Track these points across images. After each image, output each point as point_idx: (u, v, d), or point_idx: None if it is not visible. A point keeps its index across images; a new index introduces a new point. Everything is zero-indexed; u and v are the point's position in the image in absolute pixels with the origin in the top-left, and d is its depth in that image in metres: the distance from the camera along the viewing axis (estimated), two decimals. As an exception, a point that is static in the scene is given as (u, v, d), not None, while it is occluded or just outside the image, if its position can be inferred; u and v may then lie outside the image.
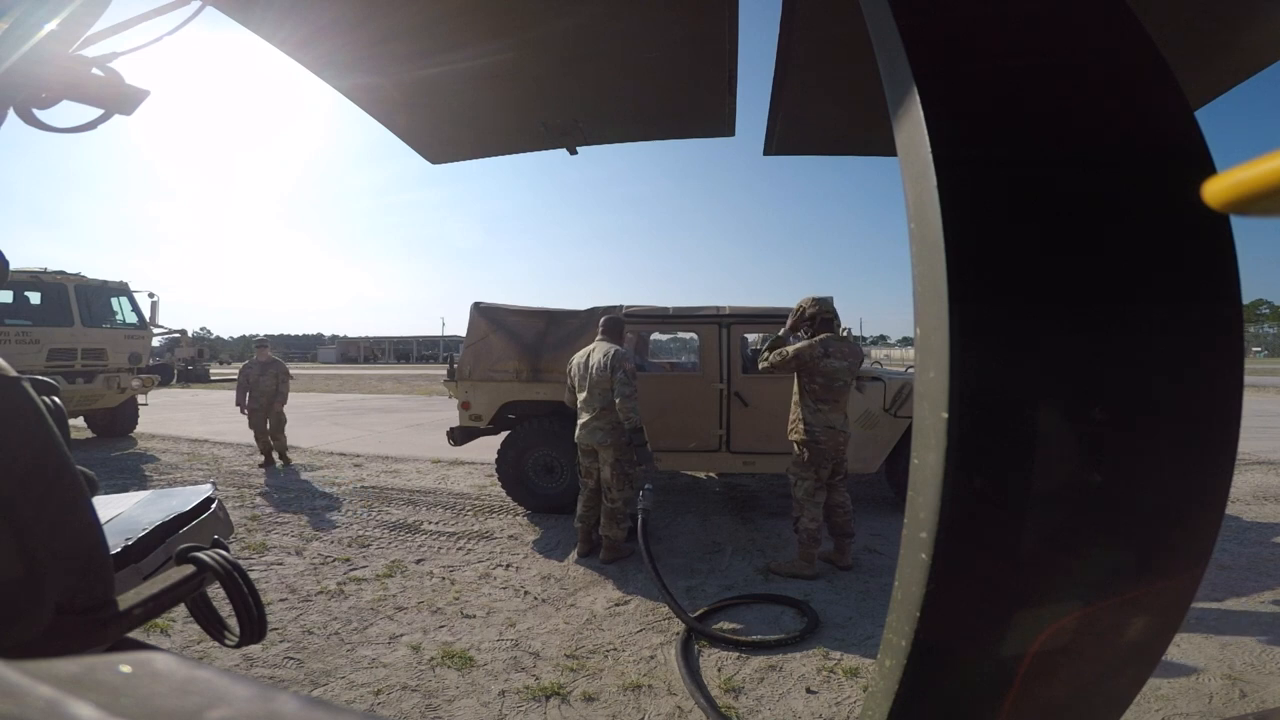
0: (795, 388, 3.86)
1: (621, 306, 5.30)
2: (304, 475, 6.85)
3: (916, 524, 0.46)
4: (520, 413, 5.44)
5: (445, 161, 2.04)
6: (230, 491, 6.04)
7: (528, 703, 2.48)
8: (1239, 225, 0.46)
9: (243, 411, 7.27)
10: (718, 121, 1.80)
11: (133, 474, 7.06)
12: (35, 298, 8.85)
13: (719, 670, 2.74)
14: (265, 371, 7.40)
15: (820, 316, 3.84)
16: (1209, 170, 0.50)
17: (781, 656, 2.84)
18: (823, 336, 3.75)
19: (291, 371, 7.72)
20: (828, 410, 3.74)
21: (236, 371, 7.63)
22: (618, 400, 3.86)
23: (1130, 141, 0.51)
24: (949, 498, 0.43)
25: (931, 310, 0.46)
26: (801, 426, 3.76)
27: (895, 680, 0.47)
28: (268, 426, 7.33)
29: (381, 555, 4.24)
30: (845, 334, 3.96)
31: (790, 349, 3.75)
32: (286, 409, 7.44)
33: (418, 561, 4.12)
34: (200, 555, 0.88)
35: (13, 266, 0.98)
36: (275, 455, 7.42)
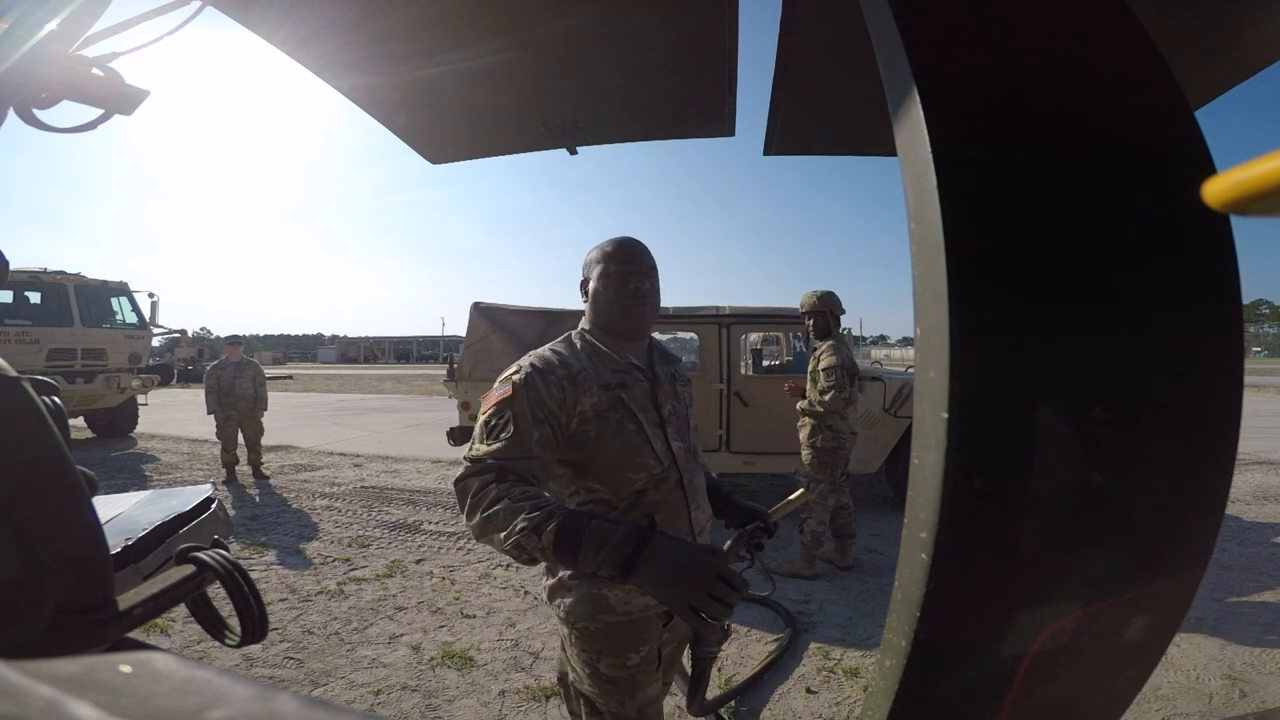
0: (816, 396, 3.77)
1: (621, 306, 5.31)
2: (304, 475, 6.84)
3: (916, 524, 0.46)
4: (520, 413, 5.44)
5: (445, 161, 2.04)
6: (229, 492, 6.04)
7: (528, 703, 2.47)
8: (1239, 225, 0.46)
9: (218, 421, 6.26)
10: (718, 121, 1.80)
11: (133, 474, 7.05)
12: (35, 298, 8.85)
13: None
14: (241, 373, 6.29)
15: (834, 313, 3.82)
16: (1209, 170, 0.50)
17: (780, 657, 2.84)
18: (832, 343, 3.72)
19: (291, 372, 7.54)
20: (850, 412, 3.73)
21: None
22: None
23: (1130, 141, 0.51)
24: (949, 498, 0.43)
25: (931, 310, 0.45)
26: (831, 435, 3.66)
27: (895, 680, 0.47)
28: (241, 438, 6.37)
29: (381, 555, 4.23)
30: (846, 333, 3.96)
31: (832, 370, 3.57)
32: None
33: (418, 561, 4.12)
34: (200, 555, 0.88)
35: (13, 266, 0.98)
36: (251, 469, 6.51)
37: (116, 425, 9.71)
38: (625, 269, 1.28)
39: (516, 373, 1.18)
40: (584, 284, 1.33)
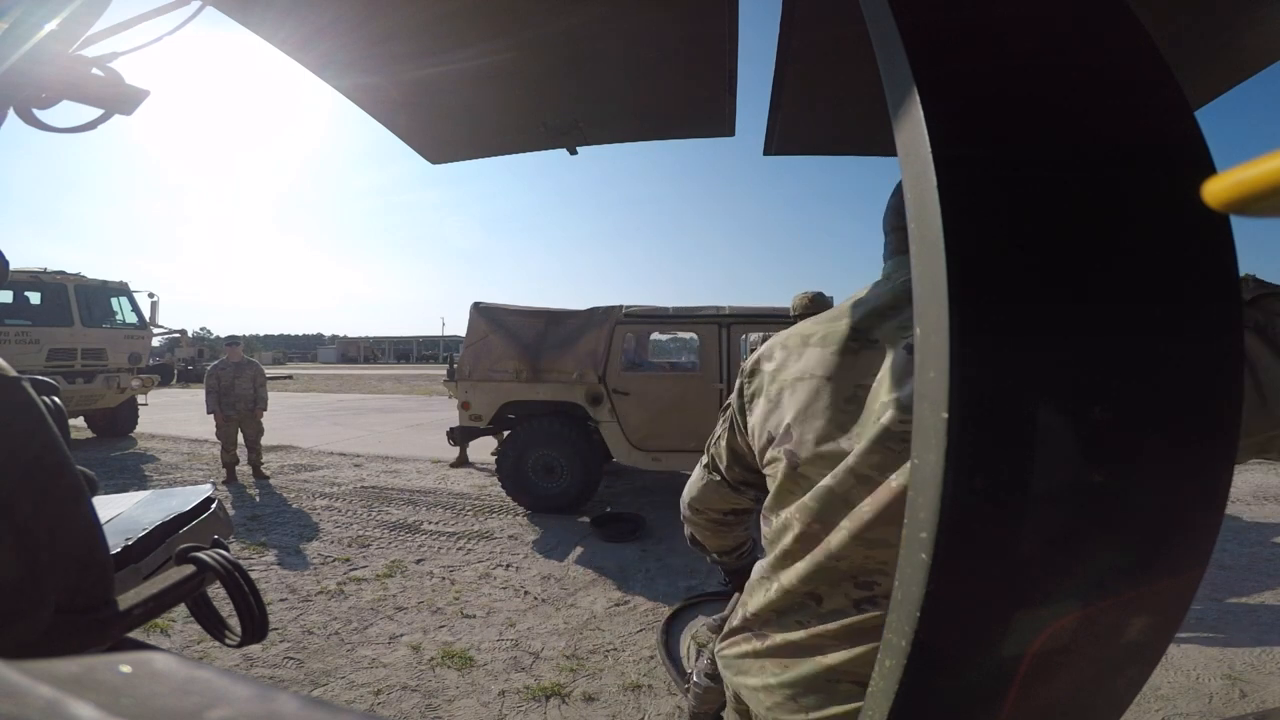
0: None
1: (621, 306, 5.30)
2: (304, 475, 6.84)
3: (916, 524, 0.46)
4: (520, 413, 5.45)
5: (445, 161, 2.04)
6: (230, 492, 6.04)
7: (528, 703, 2.48)
8: (1239, 225, 0.46)
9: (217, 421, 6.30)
10: (718, 121, 1.80)
11: (133, 474, 7.05)
12: (35, 298, 8.85)
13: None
14: (241, 374, 6.36)
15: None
16: (1209, 170, 0.50)
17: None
18: None
19: (291, 372, 7.55)
20: None
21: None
22: None
23: (1130, 141, 0.51)
24: (949, 498, 0.43)
25: (931, 310, 0.45)
26: None
27: (895, 680, 0.47)
28: (241, 438, 6.43)
29: (381, 555, 4.23)
30: None
31: None
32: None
33: (418, 561, 4.12)
34: (200, 555, 0.88)
35: (13, 266, 0.98)
36: (251, 469, 6.57)
37: (116, 425, 9.71)
38: None
39: None
40: None
